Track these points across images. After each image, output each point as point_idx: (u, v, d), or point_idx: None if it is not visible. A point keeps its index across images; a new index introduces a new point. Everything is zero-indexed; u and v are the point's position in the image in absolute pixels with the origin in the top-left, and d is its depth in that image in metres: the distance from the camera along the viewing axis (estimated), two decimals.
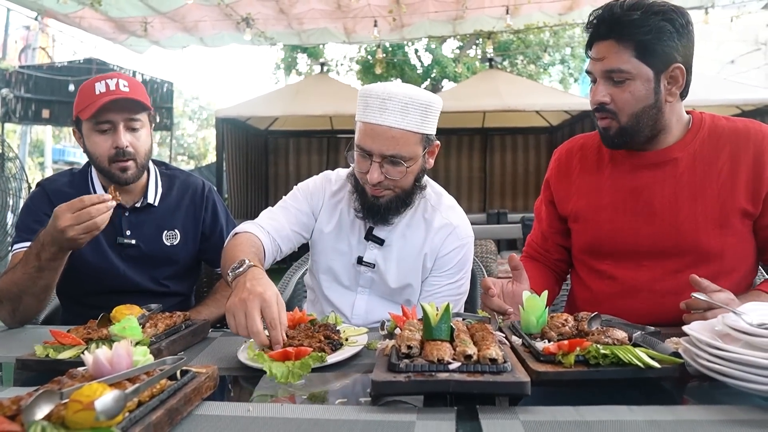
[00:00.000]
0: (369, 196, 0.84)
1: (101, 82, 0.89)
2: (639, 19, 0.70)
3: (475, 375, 0.48)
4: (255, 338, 0.60)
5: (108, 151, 0.89)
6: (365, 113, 0.81)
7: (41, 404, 0.36)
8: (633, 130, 0.74)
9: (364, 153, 0.81)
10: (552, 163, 0.91)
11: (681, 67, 0.72)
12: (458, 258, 0.90)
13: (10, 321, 0.84)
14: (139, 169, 0.92)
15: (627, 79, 0.72)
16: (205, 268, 1.14)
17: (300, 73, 8.45)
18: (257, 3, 4.21)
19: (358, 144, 0.82)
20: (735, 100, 4.56)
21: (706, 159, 0.75)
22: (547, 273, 0.92)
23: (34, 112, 5.32)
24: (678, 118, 0.77)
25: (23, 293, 0.80)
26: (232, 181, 5.46)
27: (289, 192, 0.96)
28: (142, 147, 0.92)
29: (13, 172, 2.64)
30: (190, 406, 0.46)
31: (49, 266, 0.78)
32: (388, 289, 0.90)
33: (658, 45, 0.70)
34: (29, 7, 4.24)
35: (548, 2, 4.30)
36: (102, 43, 5.57)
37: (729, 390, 0.48)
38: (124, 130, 0.90)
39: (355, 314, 0.91)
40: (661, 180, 0.76)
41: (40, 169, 10.17)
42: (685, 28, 0.71)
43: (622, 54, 0.71)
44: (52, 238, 0.75)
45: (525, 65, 8.32)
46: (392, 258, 0.89)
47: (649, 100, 0.72)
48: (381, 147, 0.79)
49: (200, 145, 17.13)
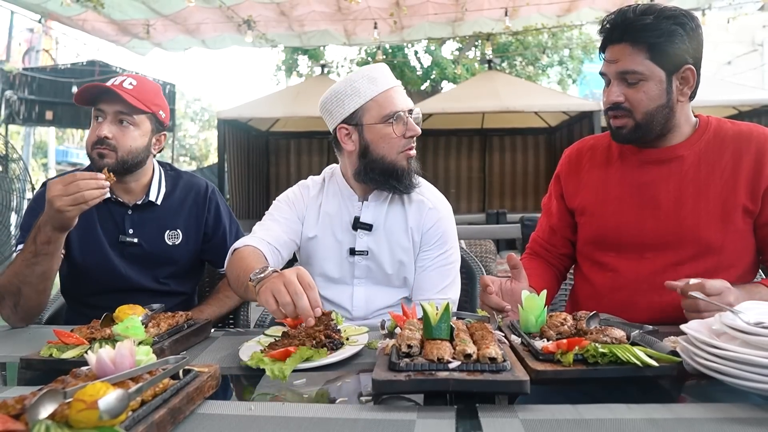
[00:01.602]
0: (404, 165, 0.90)
1: (116, 77, 0.93)
2: (651, 24, 0.73)
3: (475, 374, 0.48)
4: (299, 301, 0.59)
5: (93, 138, 0.91)
6: (377, 86, 0.88)
7: (45, 403, 0.36)
8: (646, 128, 0.77)
9: (399, 116, 0.88)
10: (563, 159, 0.94)
11: (692, 68, 0.76)
12: (441, 230, 0.94)
13: (13, 318, 0.84)
14: (118, 161, 0.91)
15: (641, 80, 0.75)
16: (208, 267, 1.15)
17: (301, 75, 8.46)
18: (258, 5, 4.24)
19: (390, 111, 0.88)
20: (732, 101, 4.58)
21: (710, 158, 0.77)
22: (549, 271, 0.93)
23: (37, 114, 5.35)
24: (686, 119, 0.80)
25: (22, 284, 0.80)
26: (233, 181, 5.47)
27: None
28: (127, 143, 0.92)
29: (16, 173, 2.65)
30: (193, 405, 0.47)
31: (44, 250, 0.78)
32: (384, 273, 0.93)
33: (669, 47, 0.73)
34: (33, 10, 4.27)
35: (546, 4, 4.32)
36: (105, 46, 5.59)
37: (726, 388, 0.48)
38: (112, 122, 0.91)
39: (355, 306, 0.93)
40: (666, 176, 0.79)
41: (43, 170, 10.22)
42: (695, 31, 0.75)
43: (636, 56, 0.74)
44: (45, 216, 0.76)
45: (524, 67, 8.33)
46: (382, 240, 0.92)
47: (661, 100, 0.75)
48: (408, 102, 0.91)
49: (202, 146, 17.18)
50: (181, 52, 5.29)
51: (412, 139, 0.90)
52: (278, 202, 0.97)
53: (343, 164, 0.96)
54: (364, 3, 4.09)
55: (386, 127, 0.88)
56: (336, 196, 0.96)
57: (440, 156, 6.51)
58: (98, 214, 0.95)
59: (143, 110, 0.93)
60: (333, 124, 0.92)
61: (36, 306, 0.85)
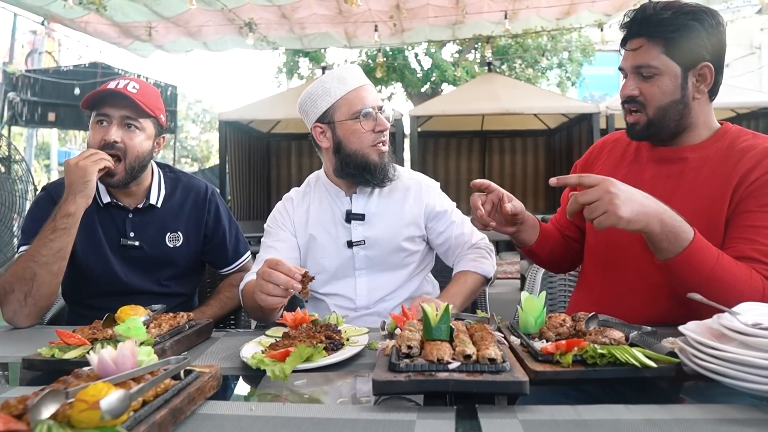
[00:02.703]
0: (376, 159, 0.93)
1: (116, 81, 0.93)
2: (668, 18, 0.72)
3: (475, 374, 0.48)
4: (275, 280, 0.68)
5: (98, 143, 0.91)
6: (346, 85, 0.92)
7: (47, 403, 0.37)
8: (660, 124, 0.76)
9: (367, 111, 0.92)
10: (587, 151, 0.95)
11: (709, 66, 0.73)
12: (441, 203, 1.01)
13: (20, 312, 0.83)
14: (127, 171, 0.92)
15: (655, 74, 0.74)
16: (208, 269, 1.15)
17: (302, 77, 8.49)
18: (260, 8, 4.26)
19: (359, 109, 0.91)
20: (730, 103, 4.59)
21: (713, 167, 0.75)
22: (560, 236, 0.93)
23: (40, 116, 5.37)
24: (705, 122, 0.77)
25: (37, 265, 0.82)
26: (234, 183, 5.49)
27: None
28: (134, 148, 0.92)
29: (19, 174, 2.66)
30: (194, 405, 0.47)
31: (63, 224, 0.83)
32: (383, 260, 0.96)
33: (685, 43, 0.72)
34: (36, 13, 4.30)
35: (546, 7, 4.34)
36: (107, 48, 5.63)
37: (724, 389, 0.48)
38: (119, 126, 0.91)
39: (358, 295, 0.96)
40: (666, 175, 0.78)
41: (46, 171, 10.25)
42: (715, 28, 0.73)
43: (651, 50, 0.73)
44: (67, 189, 0.85)
45: (523, 69, 8.35)
46: (378, 227, 0.96)
47: (675, 95, 0.74)
48: (376, 99, 0.94)
49: (203, 147, 17.23)
50: (182, 54, 5.31)
51: (382, 133, 0.93)
52: (268, 227, 1.01)
53: (325, 163, 1.00)
54: (365, 6, 4.11)
55: (355, 123, 0.92)
56: (324, 196, 0.99)
57: (440, 157, 6.52)
58: (99, 218, 0.96)
59: (149, 114, 0.94)
60: (309, 124, 0.96)
61: (46, 295, 0.84)
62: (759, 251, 0.67)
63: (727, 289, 0.60)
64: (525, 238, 0.84)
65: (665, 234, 0.64)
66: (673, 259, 0.65)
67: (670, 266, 0.66)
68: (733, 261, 0.67)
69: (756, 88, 7.45)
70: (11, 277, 0.83)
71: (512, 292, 3.30)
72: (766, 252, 0.67)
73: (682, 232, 0.64)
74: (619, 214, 0.61)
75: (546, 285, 1.10)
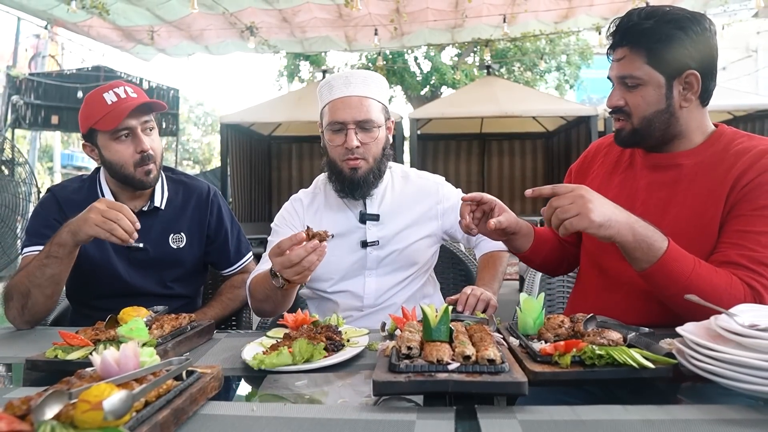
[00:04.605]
0: (347, 172, 0.92)
1: (109, 92, 0.90)
2: (650, 28, 0.71)
3: (474, 375, 0.48)
4: (297, 257, 0.70)
5: (133, 157, 0.91)
6: (332, 93, 0.91)
7: (50, 404, 0.37)
8: (645, 133, 0.76)
9: (337, 126, 0.90)
10: (581, 155, 0.94)
11: (695, 74, 0.71)
12: (454, 195, 1.01)
13: (19, 319, 0.84)
14: (158, 171, 0.96)
15: (639, 85, 0.73)
16: (211, 270, 1.15)
17: (302, 80, 8.51)
18: (261, 12, 4.29)
19: (331, 121, 0.90)
20: (726, 106, 4.61)
21: (708, 171, 0.74)
22: (556, 240, 0.92)
23: (43, 119, 5.41)
24: (698, 126, 0.76)
25: (32, 285, 0.81)
26: (236, 185, 5.49)
27: (281, 212, 1.03)
28: (158, 148, 0.95)
29: (23, 177, 2.68)
30: (196, 405, 0.47)
31: (56, 252, 0.79)
32: (394, 259, 0.96)
33: (669, 52, 0.71)
34: (39, 16, 4.34)
35: (544, 11, 4.37)
36: (110, 51, 5.66)
37: (721, 390, 0.48)
38: (143, 134, 0.92)
39: (366, 294, 0.96)
40: (660, 183, 0.77)
41: (49, 173, 10.27)
42: (701, 35, 0.71)
43: (635, 61, 0.73)
44: (74, 218, 0.79)
45: (522, 72, 8.39)
46: (393, 226, 0.96)
47: (660, 105, 0.73)
48: (353, 114, 0.89)
49: (205, 150, 17.28)
50: (184, 58, 5.34)
51: (350, 152, 0.89)
52: (276, 226, 1.01)
53: None
54: (365, 10, 4.14)
55: (330, 134, 0.92)
56: (336, 197, 0.98)
57: (439, 160, 6.54)
58: None
59: (156, 108, 0.95)
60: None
61: (42, 311, 0.85)
62: (746, 257, 0.67)
63: (705, 298, 0.58)
64: (518, 245, 0.84)
65: (638, 243, 0.64)
66: (648, 269, 0.66)
67: (646, 276, 0.67)
68: (713, 269, 0.66)
69: (752, 91, 7.48)
70: (13, 285, 0.84)
71: (511, 294, 3.29)
72: (753, 258, 0.66)
73: (654, 242, 0.65)
74: (591, 217, 0.62)
75: (544, 287, 1.10)
